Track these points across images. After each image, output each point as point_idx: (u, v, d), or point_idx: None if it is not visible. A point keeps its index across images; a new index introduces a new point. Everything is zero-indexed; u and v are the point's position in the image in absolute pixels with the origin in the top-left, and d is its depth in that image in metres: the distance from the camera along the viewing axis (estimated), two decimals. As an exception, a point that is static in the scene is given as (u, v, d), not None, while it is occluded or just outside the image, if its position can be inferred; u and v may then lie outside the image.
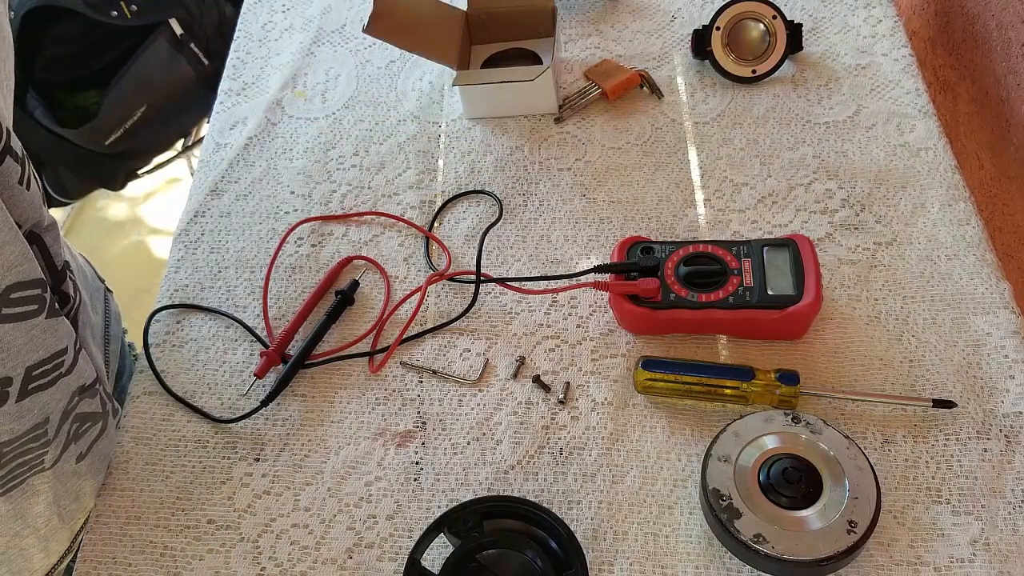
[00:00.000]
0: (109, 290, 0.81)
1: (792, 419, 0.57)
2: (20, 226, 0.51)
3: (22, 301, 0.47)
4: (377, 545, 0.59)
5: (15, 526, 0.58)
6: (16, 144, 0.49)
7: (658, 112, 0.82)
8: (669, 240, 0.69)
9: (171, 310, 0.73)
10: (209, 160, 0.84)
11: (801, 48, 0.83)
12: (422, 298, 0.70)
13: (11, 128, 0.49)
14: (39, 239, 0.54)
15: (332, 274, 0.73)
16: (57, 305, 0.52)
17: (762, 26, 0.80)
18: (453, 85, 0.81)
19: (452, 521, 0.56)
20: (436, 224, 0.77)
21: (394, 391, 0.66)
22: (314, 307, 0.72)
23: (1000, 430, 0.59)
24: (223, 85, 0.91)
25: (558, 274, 0.70)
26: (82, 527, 0.64)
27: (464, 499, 0.58)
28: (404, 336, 0.68)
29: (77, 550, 0.62)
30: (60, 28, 1.40)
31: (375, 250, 0.75)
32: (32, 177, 0.51)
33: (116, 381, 0.76)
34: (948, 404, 0.60)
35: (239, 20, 0.98)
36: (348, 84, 0.90)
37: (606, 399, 0.64)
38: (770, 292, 0.63)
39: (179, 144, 1.76)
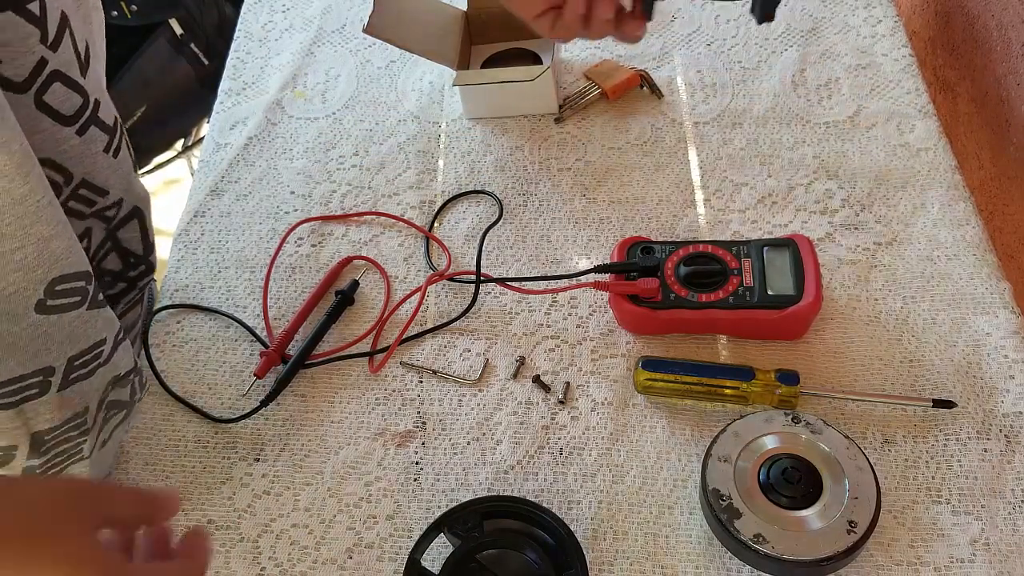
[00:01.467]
0: (152, 279, 0.82)
1: (792, 419, 0.57)
2: (123, 198, 0.53)
3: (66, 293, 0.48)
4: (377, 545, 0.59)
5: None
6: (107, 114, 0.51)
7: (658, 112, 0.82)
8: (669, 240, 0.69)
9: (171, 310, 0.73)
10: (209, 160, 0.84)
11: None
12: (422, 298, 0.70)
13: (102, 99, 0.51)
14: (141, 214, 0.55)
15: (332, 274, 0.73)
16: (101, 296, 0.52)
17: None
18: (453, 85, 0.81)
19: (452, 521, 0.56)
20: (436, 224, 0.77)
21: (394, 391, 0.66)
22: (314, 307, 0.72)
23: (1000, 430, 0.59)
24: (223, 85, 0.91)
25: (558, 274, 0.70)
26: None
27: (464, 499, 0.58)
28: (404, 336, 0.68)
29: None
30: (60, 28, 1.40)
31: (375, 250, 0.75)
32: (125, 146, 0.53)
33: None
34: (948, 404, 0.59)
35: (239, 20, 0.98)
36: (348, 84, 0.90)
37: (606, 399, 0.64)
38: (770, 292, 0.63)
39: (179, 144, 1.76)
